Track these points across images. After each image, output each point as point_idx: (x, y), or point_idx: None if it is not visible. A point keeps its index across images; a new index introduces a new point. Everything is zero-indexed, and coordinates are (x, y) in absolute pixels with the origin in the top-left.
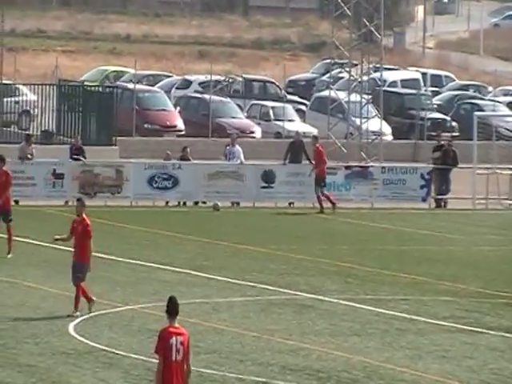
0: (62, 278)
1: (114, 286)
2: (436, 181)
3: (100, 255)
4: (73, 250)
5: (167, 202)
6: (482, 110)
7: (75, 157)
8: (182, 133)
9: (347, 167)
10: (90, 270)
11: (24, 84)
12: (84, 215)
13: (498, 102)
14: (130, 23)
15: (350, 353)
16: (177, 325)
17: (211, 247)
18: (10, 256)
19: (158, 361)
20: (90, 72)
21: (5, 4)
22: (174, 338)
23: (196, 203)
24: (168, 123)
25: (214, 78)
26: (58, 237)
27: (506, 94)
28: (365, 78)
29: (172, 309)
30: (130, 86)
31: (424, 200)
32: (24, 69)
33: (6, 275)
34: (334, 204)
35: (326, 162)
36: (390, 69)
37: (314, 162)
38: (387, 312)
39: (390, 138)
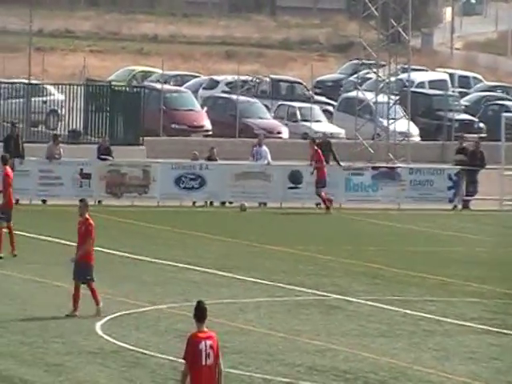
0: None
1: (141, 285)
2: (463, 182)
3: (127, 255)
4: (76, 250)
5: (194, 203)
6: (510, 111)
7: (102, 157)
8: (209, 133)
9: (374, 168)
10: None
11: (52, 84)
12: (87, 216)
13: None
14: (158, 23)
15: (377, 354)
16: (205, 329)
17: (238, 248)
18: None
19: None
20: (117, 72)
21: (33, 4)
22: (203, 343)
23: (223, 203)
24: (195, 123)
25: (242, 78)
26: (73, 257)
27: None
28: (392, 78)
29: (200, 314)
30: (158, 86)
31: (451, 201)
32: (52, 69)
33: (34, 275)
34: (328, 207)
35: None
36: (417, 70)
37: (312, 164)
38: (414, 313)
39: (417, 138)
